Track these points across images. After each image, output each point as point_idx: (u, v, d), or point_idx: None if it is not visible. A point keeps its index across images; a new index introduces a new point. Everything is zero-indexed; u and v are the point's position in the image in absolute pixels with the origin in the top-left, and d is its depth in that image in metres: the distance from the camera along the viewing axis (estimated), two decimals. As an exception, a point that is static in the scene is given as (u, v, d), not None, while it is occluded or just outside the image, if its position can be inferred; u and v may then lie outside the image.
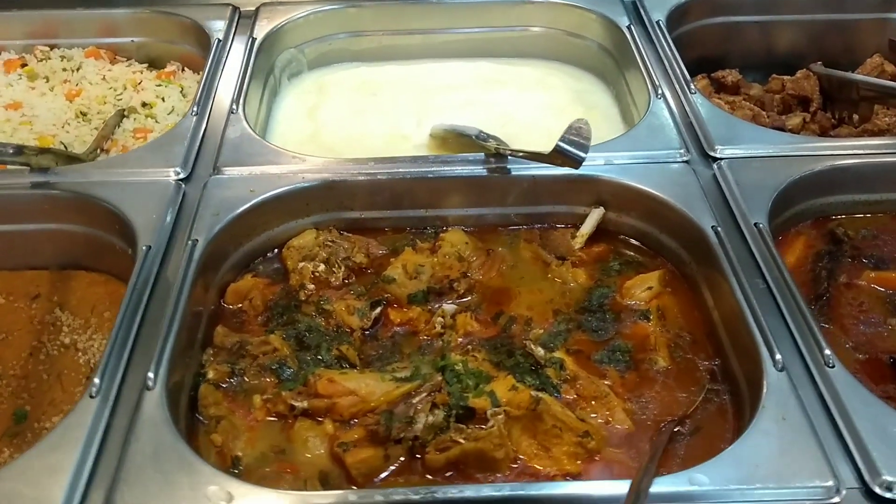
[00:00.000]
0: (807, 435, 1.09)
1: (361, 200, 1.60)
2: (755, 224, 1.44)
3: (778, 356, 1.19)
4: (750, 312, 1.28)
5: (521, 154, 1.56)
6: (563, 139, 1.43)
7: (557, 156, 1.43)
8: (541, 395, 1.22)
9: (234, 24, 2.07)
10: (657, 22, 2.04)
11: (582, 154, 1.41)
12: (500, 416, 1.20)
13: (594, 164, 1.58)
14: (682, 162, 1.61)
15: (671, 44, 1.96)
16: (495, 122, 1.92)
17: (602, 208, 1.59)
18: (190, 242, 1.41)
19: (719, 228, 1.44)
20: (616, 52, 2.08)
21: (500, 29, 2.22)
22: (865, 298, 1.47)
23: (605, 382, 1.31)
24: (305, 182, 1.56)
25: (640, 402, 1.29)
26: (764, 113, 1.99)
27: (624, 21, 2.06)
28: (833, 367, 1.19)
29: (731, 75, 2.21)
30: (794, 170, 1.57)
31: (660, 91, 1.79)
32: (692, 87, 1.80)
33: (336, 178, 1.58)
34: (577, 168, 1.44)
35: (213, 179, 1.57)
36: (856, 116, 1.98)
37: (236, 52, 1.98)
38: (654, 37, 2.01)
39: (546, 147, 1.47)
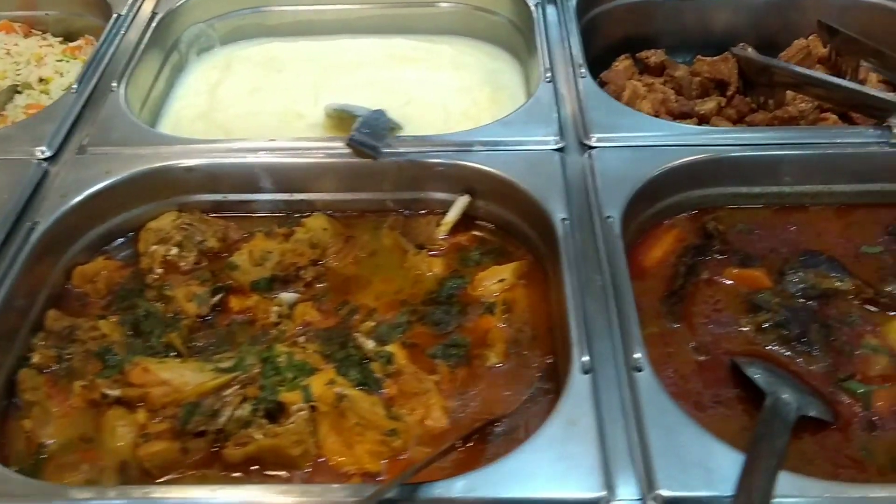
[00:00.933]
0: (591, 442, 1.06)
1: (226, 183, 1.57)
2: (606, 217, 1.40)
3: (585, 357, 1.16)
4: (574, 310, 1.24)
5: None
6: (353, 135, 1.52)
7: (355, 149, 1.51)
8: (347, 391, 1.20)
9: (140, -2, 2.04)
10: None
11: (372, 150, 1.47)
12: (302, 413, 1.18)
13: (465, 151, 1.54)
14: (555, 150, 1.56)
15: (574, 24, 1.89)
16: (396, 102, 1.88)
17: (468, 196, 1.55)
18: (28, 224, 1.40)
19: (567, 220, 1.39)
20: (526, 30, 2.01)
21: (414, 4, 2.17)
22: (723, 297, 1.41)
23: (433, 378, 1.29)
24: (164, 163, 1.54)
25: (463, 400, 1.27)
26: (673, 97, 1.93)
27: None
28: (641, 370, 1.15)
29: (654, 56, 2.13)
30: (666, 160, 1.51)
31: (548, 75, 1.73)
32: (583, 70, 1.74)
33: (198, 160, 1.55)
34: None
35: (74, 159, 1.55)
36: (771, 102, 1.91)
37: (137, 27, 1.96)
38: (561, 16, 1.94)
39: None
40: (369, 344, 1.32)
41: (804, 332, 1.32)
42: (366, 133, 1.54)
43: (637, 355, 1.16)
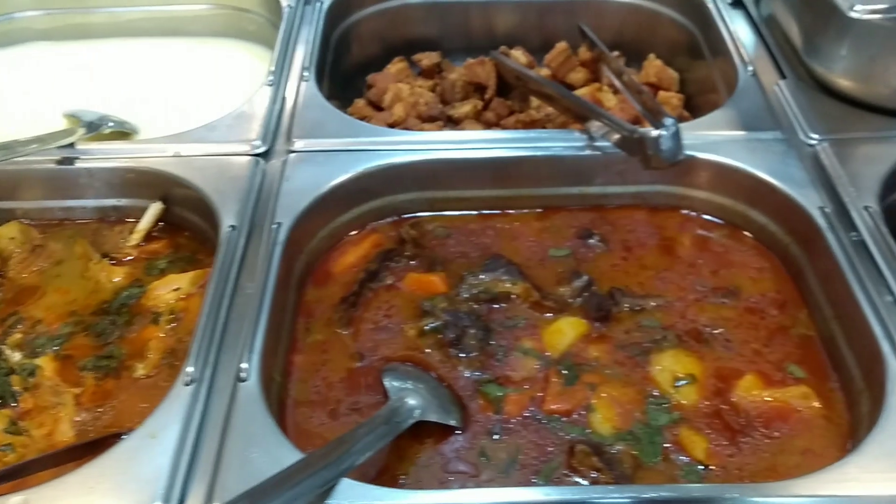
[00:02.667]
0: (165, 455, 1.04)
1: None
2: (275, 224, 1.38)
3: (189, 368, 1.14)
4: (204, 319, 1.22)
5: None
6: None
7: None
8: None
9: None
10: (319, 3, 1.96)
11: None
12: None
13: (158, 157, 1.52)
14: (255, 155, 1.53)
15: (316, 27, 1.88)
16: (143, 105, 1.89)
17: (161, 203, 1.52)
18: None
19: (234, 228, 1.37)
20: (281, 32, 1.99)
21: (180, 7, 2.14)
22: (399, 302, 1.41)
23: (74, 391, 1.26)
24: None
25: (98, 413, 1.24)
26: (423, 101, 1.92)
27: (286, 1, 1.97)
28: (245, 381, 1.13)
29: (427, 58, 2.13)
30: (360, 165, 1.50)
31: (271, 78, 1.71)
32: (306, 74, 1.72)
33: None
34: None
35: None
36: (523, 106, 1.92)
37: None
38: (311, 19, 1.93)
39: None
40: (15, 356, 1.29)
41: (460, 337, 1.32)
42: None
43: (244, 365, 1.15)
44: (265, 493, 0.91)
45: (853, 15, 1.40)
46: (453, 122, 1.92)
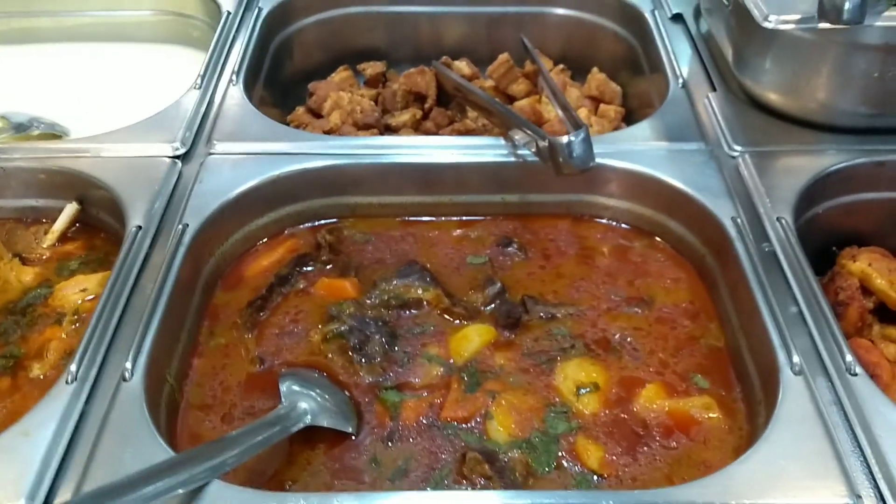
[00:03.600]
0: (37, 452, 1.01)
1: None
2: (182, 225, 1.36)
3: (73, 367, 1.12)
4: (95, 320, 1.19)
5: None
6: None
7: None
8: None
9: None
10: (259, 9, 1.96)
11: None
12: None
13: (76, 157, 1.51)
14: (173, 157, 1.52)
15: (251, 32, 1.87)
16: (79, 107, 1.89)
17: (76, 204, 1.50)
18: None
19: (141, 229, 1.35)
20: (223, 38, 1.99)
21: (125, 12, 2.15)
22: (308, 307, 1.39)
23: (-37, 391, 1.24)
24: None
25: (-16, 413, 1.21)
26: (359, 109, 1.91)
27: (227, 7, 1.97)
28: (128, 381, 1.11)
29: (371, 68, 2.14)
30: (278, 169, 1.49)
31: (198, 81, 1.70)
32: (234, 78, 1.72)
33: None
34: None
35: None
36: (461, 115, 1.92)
37: None
38: (248, 23, 1.92)
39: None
40: (-88, 354, 1.26)
41: (364, 343, 1.30)
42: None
43: (128, 365, 1.13)
44: (117, 490, 0.89)
45: (767, 25, 1.40)
46: (391, 131, 1.92)
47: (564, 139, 1.33)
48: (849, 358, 1.12)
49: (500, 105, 1.62)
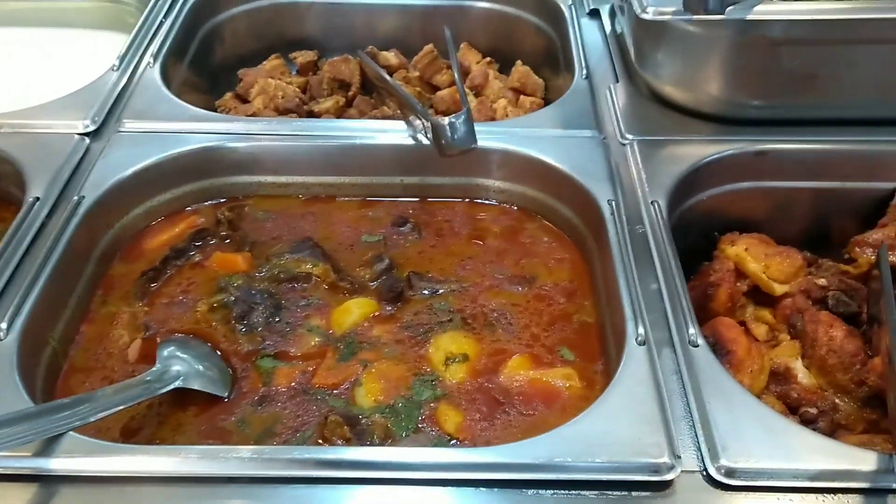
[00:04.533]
0: None
1: None
2: (79, 199, 1.41)
3: None
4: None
5: None
6: None
7: None
8: None
9: None
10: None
11: None
12: None
13: (-14, 132, 1.55)
14: (82, 134, 1.56)
15: (178, 17, 1.92)
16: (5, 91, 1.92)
17: (-15, 177, 1.55)
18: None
19: (38, 201, 1.40)
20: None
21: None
22: (200, 280, 1.43)
23: None
24: None
25: None
26: (281, 95, 1.96)
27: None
28: (2, 339, 1.16)
29: (302, 56, 2.19)
30: (182, 145, 1.54)
31: (116, 63, 1.75)
32: (151, 61, 1.76)
33: None
34: None
35: None
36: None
37: None
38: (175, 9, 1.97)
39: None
40: None
41: (247, 313, 1.35)
42: None
43: (3, 325, 1.17)
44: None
45: (644, 17, 1.45)
46: (315, 116, 1.97)
47: (446, 120, 1.38)
48: (692, 330, 1.17)
49: (400, 90, 1.66)
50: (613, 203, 1.40)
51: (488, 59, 2.18)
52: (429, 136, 1.51)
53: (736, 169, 1.54)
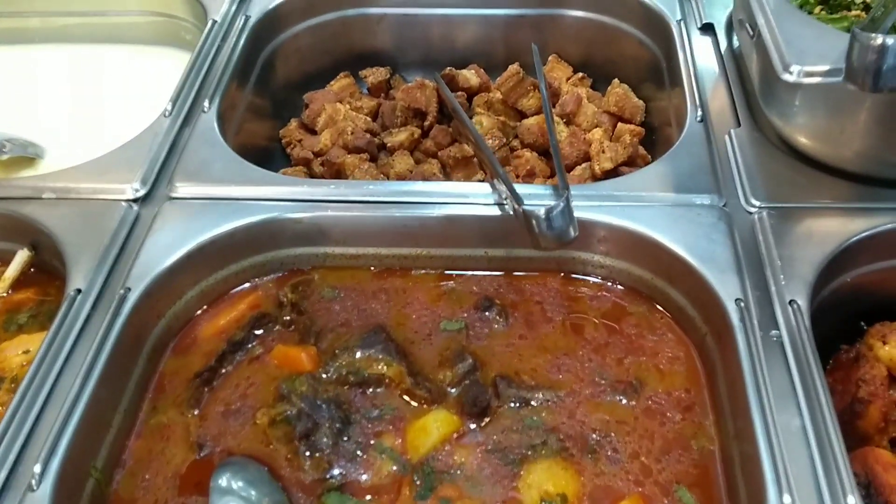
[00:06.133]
0: None
1: None
2: (125, 289, 1.25)
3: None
4: (23, 411, 1.10)
5: None
6: None
7: None
8: None
9: None
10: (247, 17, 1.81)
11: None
12: None
13: (28, 199, 1.41)
14: (130, 200, 1.41)
15: (233, 51, 1.72)
16: (57, 121, 1.81)
17: (28, 250, 1.41)
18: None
19: (81, 291, 1.25)
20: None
21: (115, 14, 2.02)
22: (261, 379, 1.27)
23: None
24: None
25: None
26: (349, 129, 1.76)
27: (214, 15, 1.82)
28: (35, 490, 1.02)
29: (373, 75, 1.98)
30: (240, 217, 1.36)
31: (168, 107, 1.57)
32: (206, 105, 1.58)
33: None
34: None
35: None
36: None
37: None
38: (233, 35, 1.78)
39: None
40: None
41: (312, 430, 1.18)
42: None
43: (37, 469, 1.03)
44: None
45: (787, 78, 1.18)
46: (387, 152, 1.77)
47: (541, 211, 1.16)
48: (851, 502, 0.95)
49: (485, 149, 1.44)
50: (743, 305, 1.17)
51: (580, 74, 1.93)
52: (510, 211, 1.30)
53: (891, 245, 1.28)
